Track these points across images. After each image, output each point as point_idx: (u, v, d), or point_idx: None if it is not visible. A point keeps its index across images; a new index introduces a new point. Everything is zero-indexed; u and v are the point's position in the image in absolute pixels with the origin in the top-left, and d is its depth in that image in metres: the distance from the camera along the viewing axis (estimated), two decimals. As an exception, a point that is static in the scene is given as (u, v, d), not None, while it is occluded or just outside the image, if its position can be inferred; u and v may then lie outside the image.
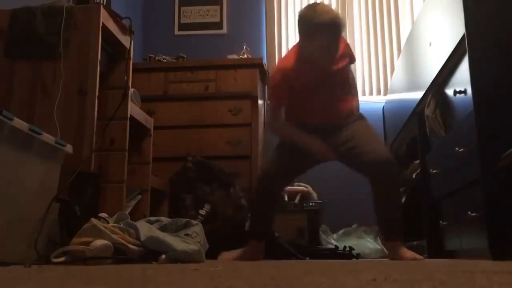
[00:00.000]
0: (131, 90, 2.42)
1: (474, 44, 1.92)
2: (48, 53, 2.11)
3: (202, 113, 3.39)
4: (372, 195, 2.18)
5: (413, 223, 2.99)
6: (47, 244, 1.67)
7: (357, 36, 4.17)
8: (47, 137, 1.67)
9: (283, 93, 2.20)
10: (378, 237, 3.25)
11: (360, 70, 4.11)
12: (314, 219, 3.12)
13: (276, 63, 3.28)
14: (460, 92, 2.02)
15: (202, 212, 2.66)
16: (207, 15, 4.32)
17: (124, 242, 1.58)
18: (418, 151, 2.79)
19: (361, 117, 2.35)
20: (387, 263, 1.75)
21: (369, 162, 2.12)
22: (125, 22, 2.39)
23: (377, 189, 2.15)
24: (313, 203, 3.26)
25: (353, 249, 2.73)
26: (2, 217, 1.49)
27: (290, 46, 2.95)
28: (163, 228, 1.80)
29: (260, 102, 3.48)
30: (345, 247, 2.74)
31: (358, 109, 2.37)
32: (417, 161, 2.84)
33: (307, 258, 2.50)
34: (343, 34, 2.14)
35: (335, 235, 3.31)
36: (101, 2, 2.25)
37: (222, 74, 3.43)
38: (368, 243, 3.16)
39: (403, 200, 3.26)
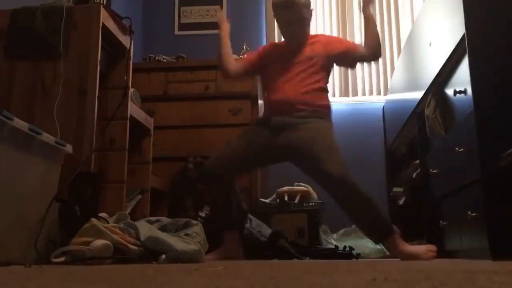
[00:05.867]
0: (131, 90, 2.42)
1: (474, 44, 1.91)
2: (48, 53, 2.11)
3: (202, 113, 3.39)
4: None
5: (413, 223, 2.99)
6: (47, 244, 1.67)
7: (357, 36, 4.17)
8: (47, 137, 1.67)
9: (250, 56, 2.58)
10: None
11: (360, 70, 4.11)
12: (314, 219, 3.12)
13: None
14: (460, 92, 2.02)
15: (202, 214, 2.65)
16: (207, 15, 4.32)
17: (124, 242, 1.57)
18: (418, 151, 2.79)
19: (326, 118, 2.28)
20: (387, 263, 1.75)
21: (324, 177, 2.08)
22: (125, 22, 2.39)
23: (339, 202, 2.11)
24: (313, 203, 3.26)
25: (353, 249, 2.72)
26: (2, 217, 1.49)
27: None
28: (163, 228, 1.80)
29: (260, 102, 3.48)
30: (345, 247, 2.74)
31: (326, 109, 2.30)
32: (417, 161, 2.84)
33: (307, 258, 2.50)
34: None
35: (335, 235, 3.31)
36: (101, 2, 2.25)
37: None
38: (368, 243, 3.15)
39: (402, 200, 3.27)
